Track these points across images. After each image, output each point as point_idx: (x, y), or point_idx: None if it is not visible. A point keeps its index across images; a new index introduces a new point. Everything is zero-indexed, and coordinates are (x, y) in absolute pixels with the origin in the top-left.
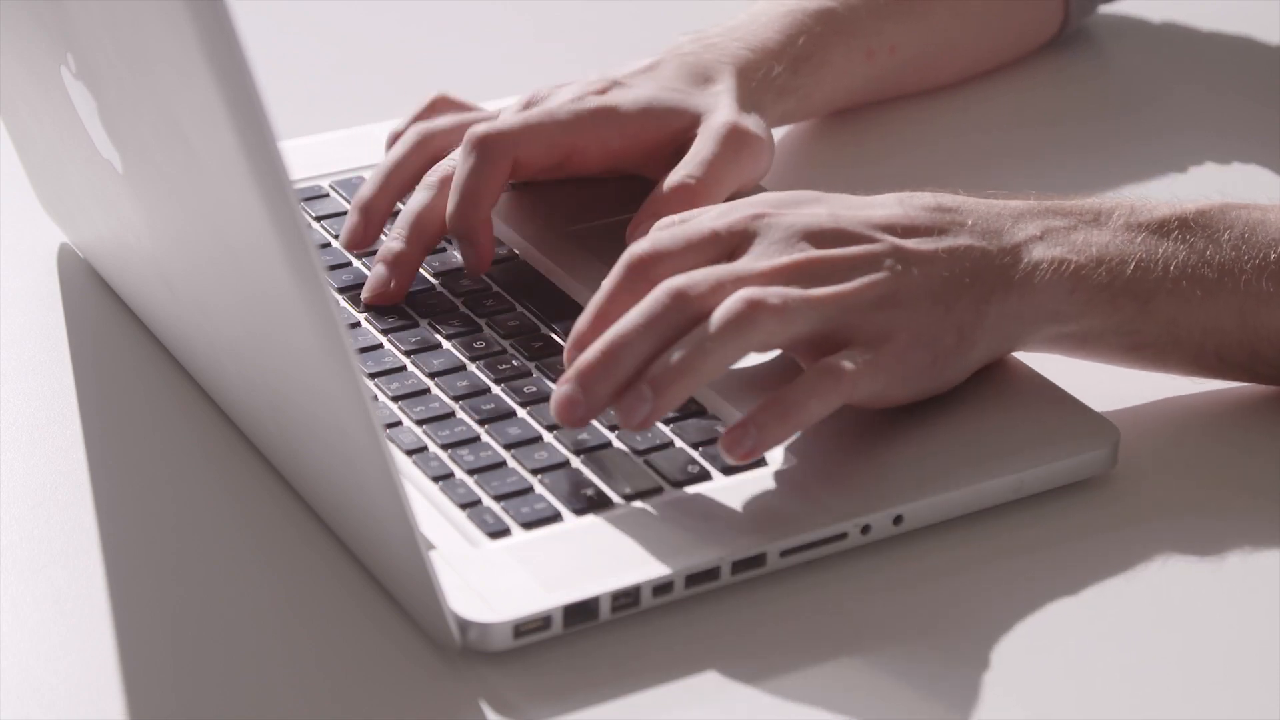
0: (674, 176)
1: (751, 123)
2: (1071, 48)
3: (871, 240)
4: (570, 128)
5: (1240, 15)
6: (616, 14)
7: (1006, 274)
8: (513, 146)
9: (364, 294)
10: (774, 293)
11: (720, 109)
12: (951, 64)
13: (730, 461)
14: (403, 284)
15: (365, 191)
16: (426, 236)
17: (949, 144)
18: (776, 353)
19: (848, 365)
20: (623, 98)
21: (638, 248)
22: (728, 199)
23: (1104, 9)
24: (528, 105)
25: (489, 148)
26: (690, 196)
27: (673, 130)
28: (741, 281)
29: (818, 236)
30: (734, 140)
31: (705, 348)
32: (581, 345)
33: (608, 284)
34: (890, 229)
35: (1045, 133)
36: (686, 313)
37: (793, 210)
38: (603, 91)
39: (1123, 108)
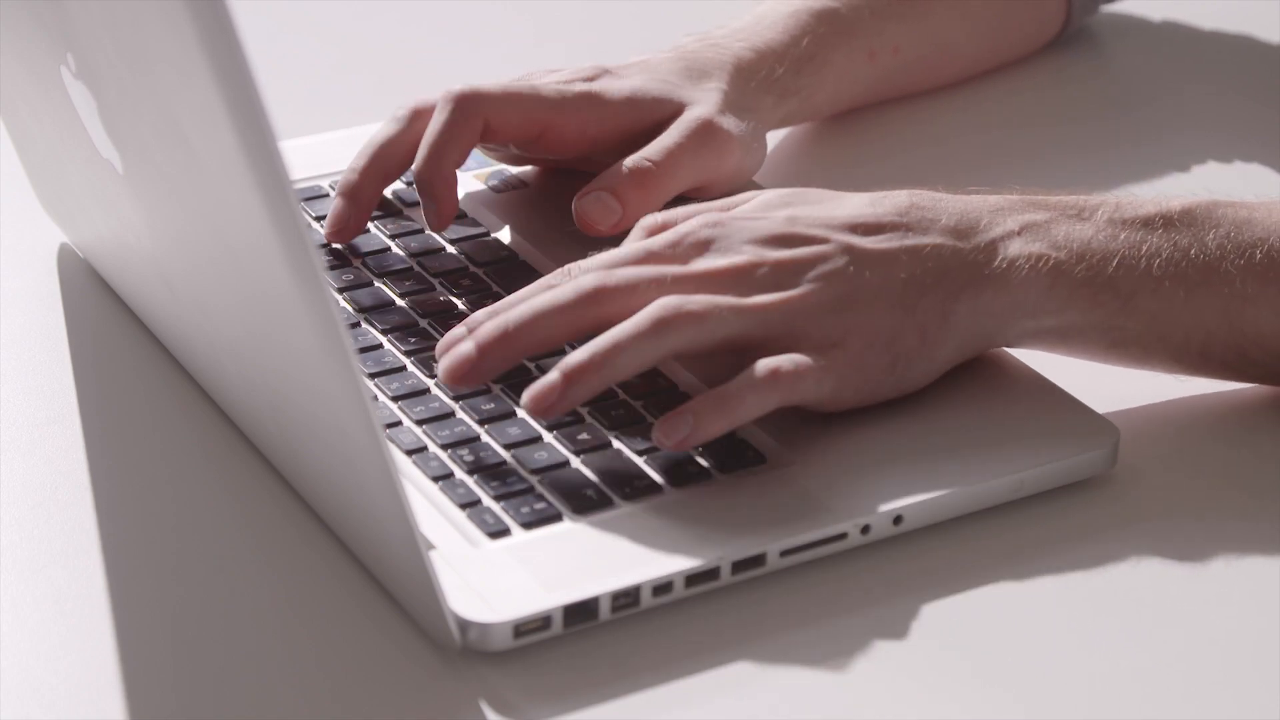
0: (632, 158)
1: (729, 123)
2: (1071, 48)
3: (824, 241)
4: (550, 105)
5: (1241, 15)
6: (616, 14)
7: (979, 270)
8: (485, 106)
9: (325, 229)
10: (699, 300)
11: (701, 104)
12: (953, 64)
13: (664, 448)
14: (361, 218)
15: (349, 180)
16: (384, 169)
17: (949, 144)
18: None
19: (787, 366)
20: (609, 85)
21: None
22: (690, 193)
23: (1105, 8)
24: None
25: (462, 104)
26: (644, 178)
27: (655, 119)
28: (679, 282)
29: (767, 241)
30: (701, 134)
31: (620, 345)
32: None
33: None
34: (852, 228)
35: (1045, 133)
36: (602, 308)
37: (743, 220)
38: (591, 79)
39: (1123, 108)
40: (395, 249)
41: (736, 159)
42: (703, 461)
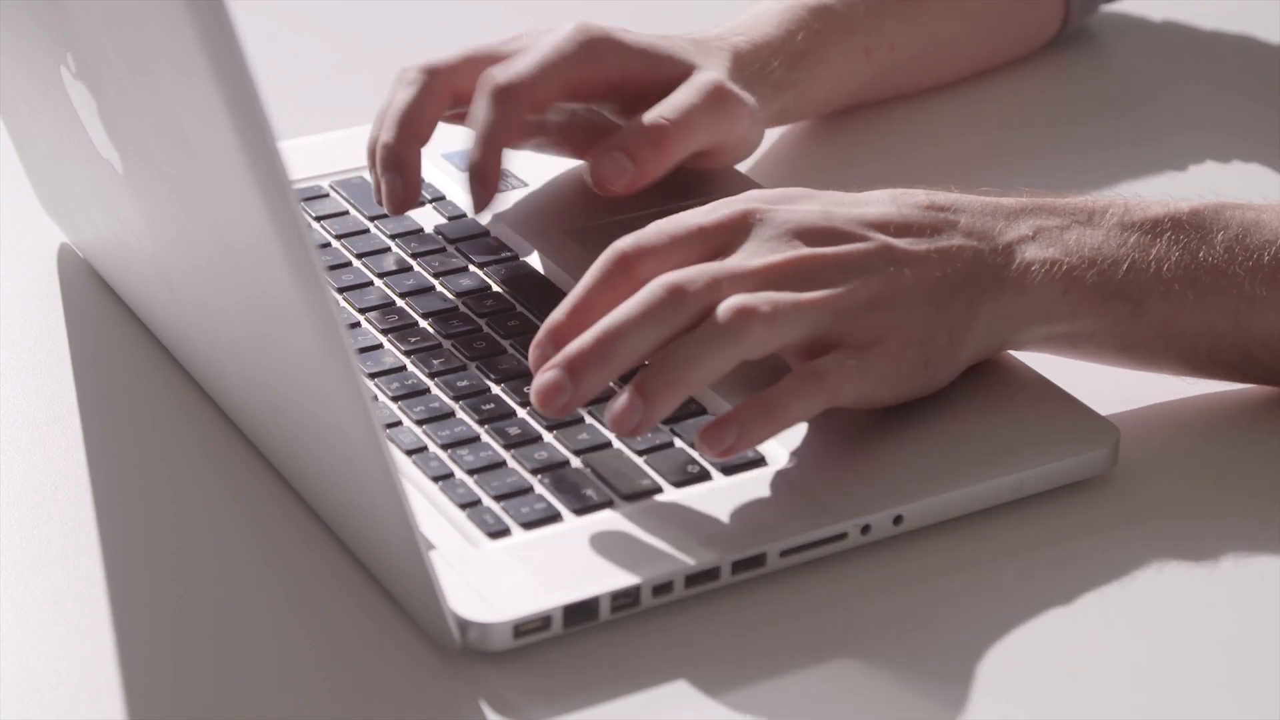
0: (647, 115)
1: (740, 89)
2: (1071, 48)
3: (863, 239)
4: (578, 62)
5: (1241, 15)
6: (616, 14)
7: (999, 274)
8: (530, 94)
9: (387, 207)
10: (764, 299)
11: (711, 69)
12: (951, 63)
13: (708, 458)
14: (413, 186)
15: (388, 152)
16: (417, 134)
17: (949, 144)
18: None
19: (832, 369)
20: (626, 34)
21: (622, 243)
22: (697, 159)
23: (1105, 8)
24: (517, 38)
25: (509, 97)
26: (659, 135)
27: (666, 76)
28: (735, 280)
29: (809, 234)
30: (715, 96)
31: (696, 356)
32: (558, 337)
33: (588, 278)
34: (883, 227)
35: (1045, 133)
36: (682, 309)
37: (784, 206)
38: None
39: (1123, 108)
40: (395, 248)
41: (745, 127)
42: (703, 461)
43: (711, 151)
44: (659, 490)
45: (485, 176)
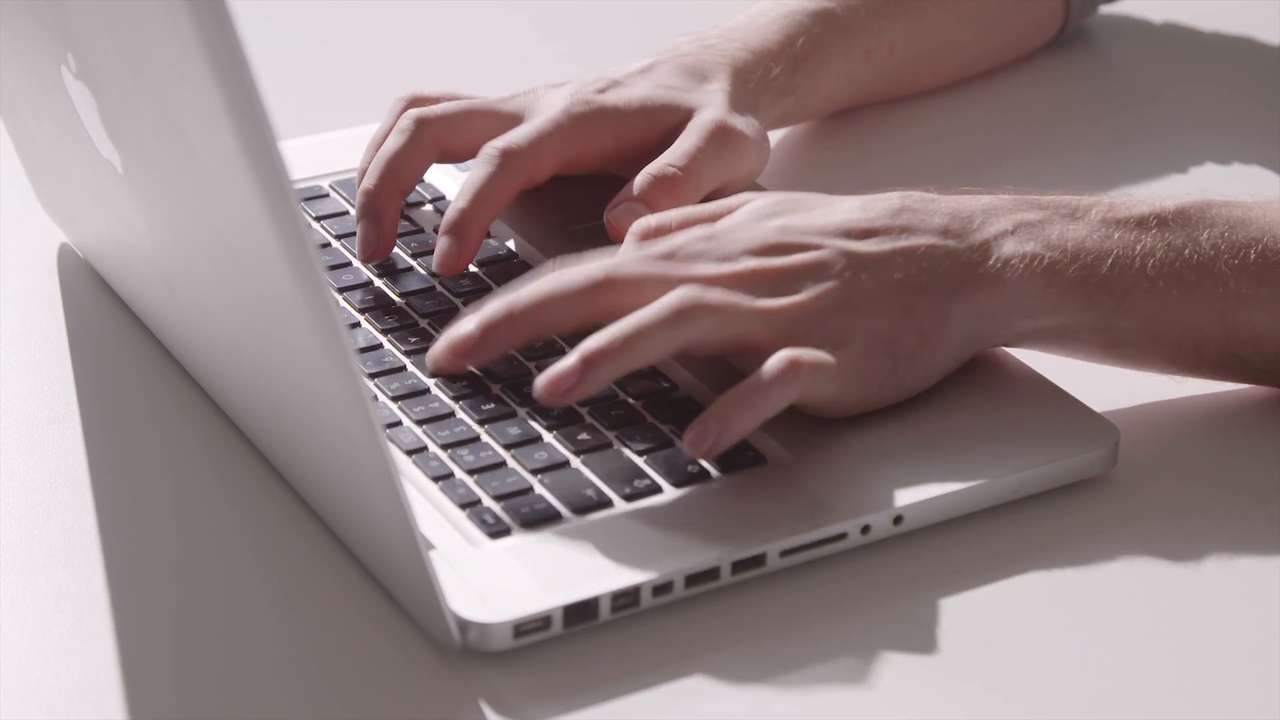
0: (655, 165)
1: (741, 123)
2: (1071, 48)
3: (818, 248)
4: (573, 138)
5: (1240, 15)
6: (616, 14)
7: (973, 271)
8: (531, 164)
9: (360, 255)
10: (716, 294)
11: (711, 106)
12: (951, 64)
13: (696, 456)
14: (389, 237)
15: (367, 200)
16: (399, 185)
17: (949, 144)
18: None
19: (807, 356)
20: (619, 97)
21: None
22: (710, 197)
23: (1104, 9)
24: (513, 98)
25: (511, 162)
26: (672, 185)
27: (666, 127)
28: (683, 280)
29: (763, 250)
30: (719, 136)
31: (641, 332)
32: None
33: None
34: (844, 233)
35: (1045, 133)
36: (610, 298)
37: (742, 231)
38: (601, 91)
39: (1123, 108)
40: (394, 248)
41: (751, 159)
42: (703, 461)
43: (723, 187)
44: (659, 490)
45: (468, 237)
